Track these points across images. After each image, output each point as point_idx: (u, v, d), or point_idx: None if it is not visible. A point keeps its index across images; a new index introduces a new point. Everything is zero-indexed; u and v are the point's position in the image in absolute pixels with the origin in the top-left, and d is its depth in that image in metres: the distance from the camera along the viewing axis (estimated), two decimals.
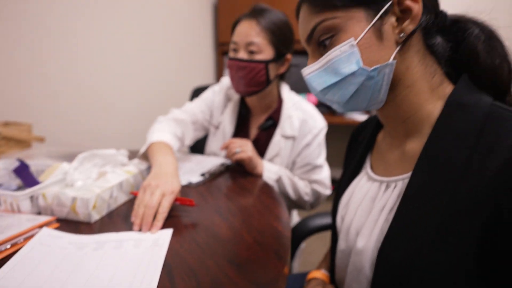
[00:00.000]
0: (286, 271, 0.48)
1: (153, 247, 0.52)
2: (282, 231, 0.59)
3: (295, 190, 0.98)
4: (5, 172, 0.71)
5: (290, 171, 1.03)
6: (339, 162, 2.75)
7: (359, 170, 0.60)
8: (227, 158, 0.95)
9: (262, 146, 1.03)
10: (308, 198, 1.00)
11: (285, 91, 1.04)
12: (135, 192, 0.69)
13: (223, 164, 0.97)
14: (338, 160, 2.70)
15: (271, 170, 0.94)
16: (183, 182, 0.83)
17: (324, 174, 1.03)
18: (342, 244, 0.56)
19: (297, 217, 1.21)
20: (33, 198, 0.63)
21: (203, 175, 0.88)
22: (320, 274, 0.66)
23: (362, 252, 0.48)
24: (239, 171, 0.95)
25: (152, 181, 0.65)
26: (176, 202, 0.65)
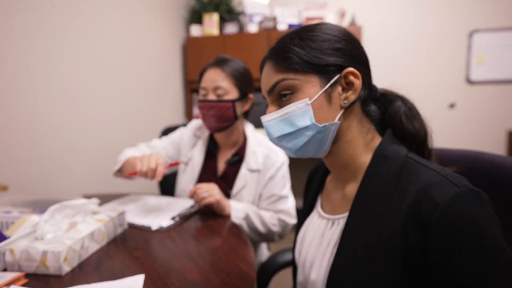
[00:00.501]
0: None
1: None
2: (248, 272, 0.64)
3: (263, 223, 1.03)
4: None
5: (257, 203, 1.10)
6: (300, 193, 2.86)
7: (312, 208, 0.69)
8: (195, 203, 1.01)
9: (230, 179, 1.11)
10: (276, 229, 1.05)
11: (249, 129, 1.17)
12: (133, 172, 0.94)
13: (192, 206, 1.01)
14: (300, 191, 2.82)
15: (238, 209, 1.00)
16: (153, 227, 0.86)
17: (289, 204, 1.10)
18: (300, 276, 0.63)
19: (266, 251, 1.25)
20: None
21: (173, 218, 0.92)
22: None
23: (314, 283, 0.56)
24: (208, 213, 1.00)
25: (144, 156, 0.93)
26: (169, 166, 0.98)
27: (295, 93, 0.54)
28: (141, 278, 0.60)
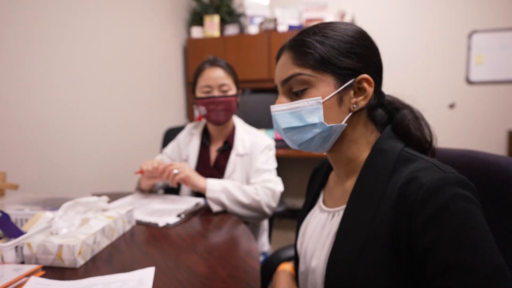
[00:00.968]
0: None
1: (138, 287, 0.58)
2: (253, 265, 0.68)
3: (245, 193, 1.03)
4: None
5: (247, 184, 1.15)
6: (300, 191, 2.91)
7: (315, 203, 0.72)
8: (166, 180, 1.06)
9: (222, 166, 1.21)
10: (260, 198, 1.04)
11: (237, 121, 1.27)
12: (141, 171, 1.03)
13: (197, 204, 1.04)
14: (299, 188, 2.85)
15: (214, 183, 1.02)
16: (160, 224, 0.90)
17: (273, 175, 1.14)
18: (302, 266, 0.67)
19: (267, 243, 1.28)
20: (17, 248, 0.66)
21: (179, 216, 0.95)
22: (289, 267, 0.77)
23: (314, 270, 0.59)
24: (212, 211, 1.03)
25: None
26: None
27: (309, 89, 0.55)
28: (151, 270, 0.64)
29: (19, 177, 1.19)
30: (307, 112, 0.55)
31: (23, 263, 0.67)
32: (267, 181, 1.10)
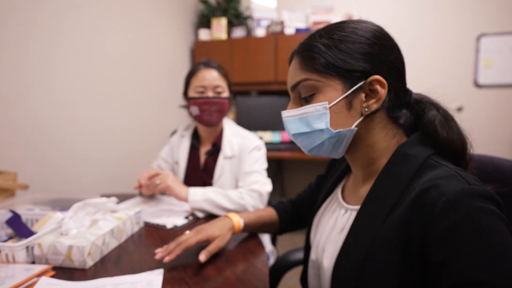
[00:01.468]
0: None
1: None
2: (261, 268, 0.68)
3: (228, 198, 1.01)
4: None
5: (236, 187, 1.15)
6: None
7: (331, 193, 0.71)
8: (152, 192, 1.10)
9: (211, 168, 1.21)
10: (245, 201, 1.02)
11: (226, 123, 1.26)
12: (139, 186, 1.04)
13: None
14: (299, 190, 2.84)
15: (196, 193, 1.00)
16: (168, 226, 0.90)
17: (262, 177, 1.12)
18: (313, 254, 0.67)
19: (270, 244, 1.27)
20: (28, 248, 0.67)
21: (187, 217, 0.96)
22: (236, 219, 0.78)
23: (324, 267, 0.59)
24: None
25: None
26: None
27: (316, 94, 0.54)
28: (160, 272, 0.64)
29: (28, 177, 1.20)
30: (314, 117, 0.54)
31: (33, 263, 0.68)
32: (253, 183, 1.09)
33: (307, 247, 0.72)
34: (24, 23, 1.23)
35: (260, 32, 2.70)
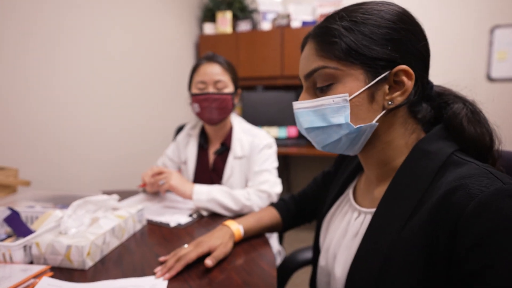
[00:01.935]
0: None
1: None
2: (269, 270, 0.64)
3: (234, 198, 0.96)
4: None
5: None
6: None
7: (341, 193, 0.67)
8: (156, 190, 1.06)
9: (220, 169, 1.15)
10: (252, 202, 0.97)
11: (235, 120, 1.19)
12: (143, 184, 1.00)
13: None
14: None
15: (201, 191, 0.96)
16: (172, 224, 0.87)
17: (272, 176, 1.07)
18: (322, 260, 0.62)
19: (277, 244, 1.23)
20: (26, 247, 0.64)
21: (191, 215, 0.92)
22: (235, 227, 0.73)
23: (336, 275, 0.55)
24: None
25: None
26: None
27: (334, 84, 0.48)
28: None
29: (30, 174, 1.18)
30: (332, 110, 0.48)
31: (31, 263, 0.65)
32: (263, 182, 1.04)
33: (316, 251, 0.69)
34: (24, 22, 1.21)
35: (266, 25, 2.65)
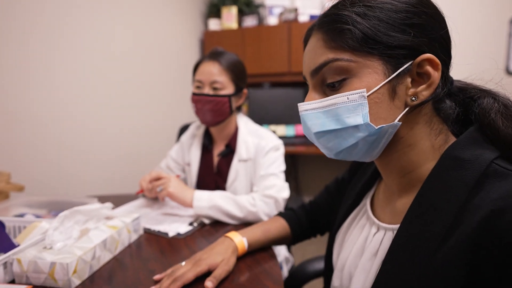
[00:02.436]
0: None
1: None
2: None
3: (238, 205, 0.90)
4: None
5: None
6: (314, 189, 2.78)
7: (357, 204, 0.59)
8: (155, 197, 1.01)
9: (224, 172, 1.09)
10: (258, 208, 0.90)
11: (241, 120, 1.12)
12: (141, 190, 0.95)
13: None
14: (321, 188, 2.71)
15: (202, 198, 0.90)
16: (170, 234, 0.80)
17: (279, 180, 0.99)
18: (336, 281, 0.55)
19: (285, 250, 1.14)
20: (6, 264, 0.58)
21: (191, 224, 0.86)
22: (238, 240, 0.66)
23: None
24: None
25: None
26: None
27: (348, 79, 0.41)
28: None
29: (24, 178, 1.13)
30: (347, 110, 0.41)
31: (13, 281, 0.59)
32: (269, 187, 0.96)
33: (328, 267, 0.61)
34: (25, 22, 1.15)
35: (272, 20, 2.56)
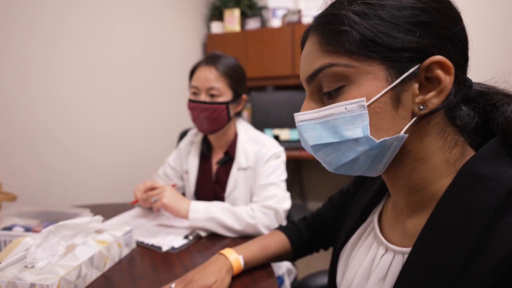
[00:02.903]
0: None
1: None
2: None
3: (236, 217, 0.86)
4: None
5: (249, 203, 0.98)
6: (325, 197, 2.70)
7: (363, 220, 0.54)
8: (150, 207, 0.97)
9: (223, 181, 1.04)
10: (257, 221, 0.86)
11: (241, 127, 1.08)
12: (135, 201, 0.93)
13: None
14: (324, 193, 2.64)
15: (198, 209, 0.86)
16: (164, 248, 0.76)
17: (280, 190, 0.95)
18: None
19: (288, 263, 1.09)
20: None
21: (186, 237, 0.81)
22: (233, 258, 0.62)
23: None
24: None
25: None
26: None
27: (346, 86, 0.37)
28: None
29: (16, 186, 1.10)
30: (345, 121, 0.37)
31: None
32: (269, 198, 0.92)
33: (332, 287, 0.56)
34: (24, 22, 1.13)
35: (275, 22, 2.52)
